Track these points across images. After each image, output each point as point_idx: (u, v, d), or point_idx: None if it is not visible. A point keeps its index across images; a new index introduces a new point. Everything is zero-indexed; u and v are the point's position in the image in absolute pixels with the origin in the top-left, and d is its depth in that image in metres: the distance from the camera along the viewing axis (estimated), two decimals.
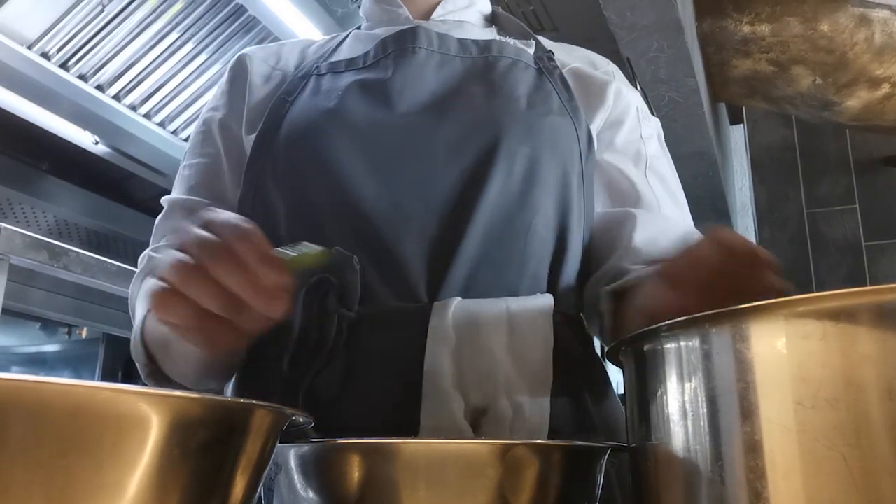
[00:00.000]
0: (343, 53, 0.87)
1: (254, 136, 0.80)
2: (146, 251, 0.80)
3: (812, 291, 0.31)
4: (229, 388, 0.78)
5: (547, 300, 0.72)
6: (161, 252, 0.66)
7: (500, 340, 0.68)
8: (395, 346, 0.68)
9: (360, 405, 0.67)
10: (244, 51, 0.90)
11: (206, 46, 1.89)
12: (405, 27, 0.85)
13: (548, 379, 0.68)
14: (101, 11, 1.72)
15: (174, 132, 2.06)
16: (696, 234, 0.81)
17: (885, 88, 2.21)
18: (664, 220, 0.81)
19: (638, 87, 1.81)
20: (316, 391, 0.68)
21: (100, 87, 1.87)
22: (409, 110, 0.76)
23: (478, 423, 0.65)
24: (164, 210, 0.84)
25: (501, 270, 0.72)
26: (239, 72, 0.87)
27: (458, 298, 0.69)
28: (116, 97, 1.92)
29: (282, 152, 0.77)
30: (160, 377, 0.75)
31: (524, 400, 0.66)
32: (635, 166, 0.84)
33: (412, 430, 0.64)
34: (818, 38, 2.07)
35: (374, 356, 0.69)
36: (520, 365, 0.68)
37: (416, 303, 0.69)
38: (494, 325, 0.68)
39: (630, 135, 0.85)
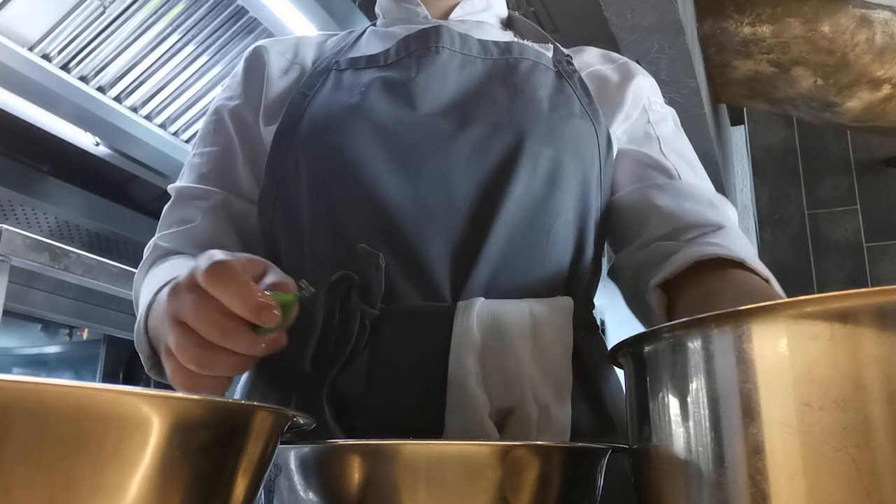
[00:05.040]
0: (361, 49, 0.86)
1: (272, 128, 0.80)
2: (153, 239, 0.80)
3: (813, 293, 0.31)
4: (248, 386, 0.78)
5: (567, 302, 0.72)
6: (157, 313, 0.60)
7: (524, 342, 0.68)
8: (418, 345, 0.68)
9: (384, 404, 0.67)
10: (260, 42, 0.90)
11: (208, 48, 1.89)
12: (427, 26, 0.84)
13: (569, 380, 0.69)
14: (103, 13, 1.73)
15: (175, 134, 2.07)
16: (721, 200, 0.81)
17: (886, 89, 2.21)
18: (687, 187, 0.80)
19: None
20: (339, 389, 0.68)
21: (101, 89, 1.88)
22: (431, 110, 0.76)
23: (503, 423, 0.65)
24: (172, 199, 0.83)
25: (523, 271, 0.73)
26: (256, 63, 0.87)
27: (482, 299, 0.69)
28: (117, 99, 1.92)
29: (303, 147, 0.77)
30: (162, 369, 0.75)
31: (549, 401, 0.67)
32: (647, 147, 0.84)
33: (437, 430, 0.64)
34: (819, 39, 2.07)
35: (397, 354, 0.68)
36: (543, 366, 0.68)
37: (439, 302, 0.69)
38: (519, 326, 0.68)
39: (636, 123, 0.85)
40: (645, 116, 0.86)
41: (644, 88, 0.88)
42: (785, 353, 0.31)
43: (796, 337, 0.31)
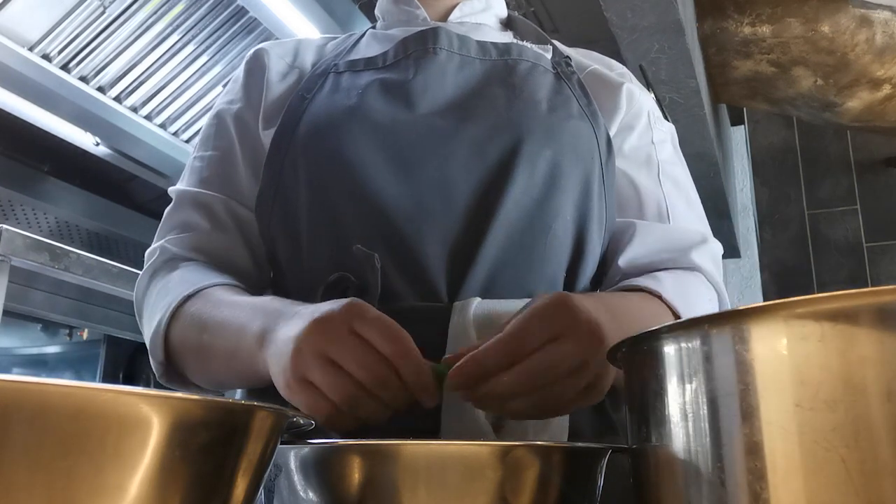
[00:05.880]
0: (360, 52, 0.87)
1: (271, 131, 0.80)
2: (159, 242, 0.80)
3: (813, 293, 0.31)
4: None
5: None
6: (306, 351, 0.57)
7: None
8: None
9: None
10: (261, 45, 0.90)
11: (208, 48, 1.90)
12: (425, 28, 0.85)
13: None
14: (103, 13, 1.73)
15: (175, 134, 2.07)
16: (706, 243, 0.81)
17: (886, 89, 2.21)
18: (667, 231, 0.80)
19: (651, 92, 1.81)
20: None
21: (101, 89, 1.88)
22: (430, 111, 0.77)
23: (500, 424, 0.65)
24: (173, 201, 0.83)
25: (520, 273, 0.72)
26: (256, 66, 0.87)
27: (478, 299, 0.69)
28: (117, 99, 1.92)
29: (301, 149, 0.77)
30: (174, 377, 0.75)
31: None
32: (646, 172, 0.83)
33: (434, 432, 0.64)
34: (819, 39, 2.07)
35: None
36: None
37: (436, 302, 0.69)
38: None
39: (640, 139, 0.85)
40: (649, 134, 0.85)
41: (643, 101, 0.87)
42: (779, 354, 0.31)
43: (790, 337, 0.31)
